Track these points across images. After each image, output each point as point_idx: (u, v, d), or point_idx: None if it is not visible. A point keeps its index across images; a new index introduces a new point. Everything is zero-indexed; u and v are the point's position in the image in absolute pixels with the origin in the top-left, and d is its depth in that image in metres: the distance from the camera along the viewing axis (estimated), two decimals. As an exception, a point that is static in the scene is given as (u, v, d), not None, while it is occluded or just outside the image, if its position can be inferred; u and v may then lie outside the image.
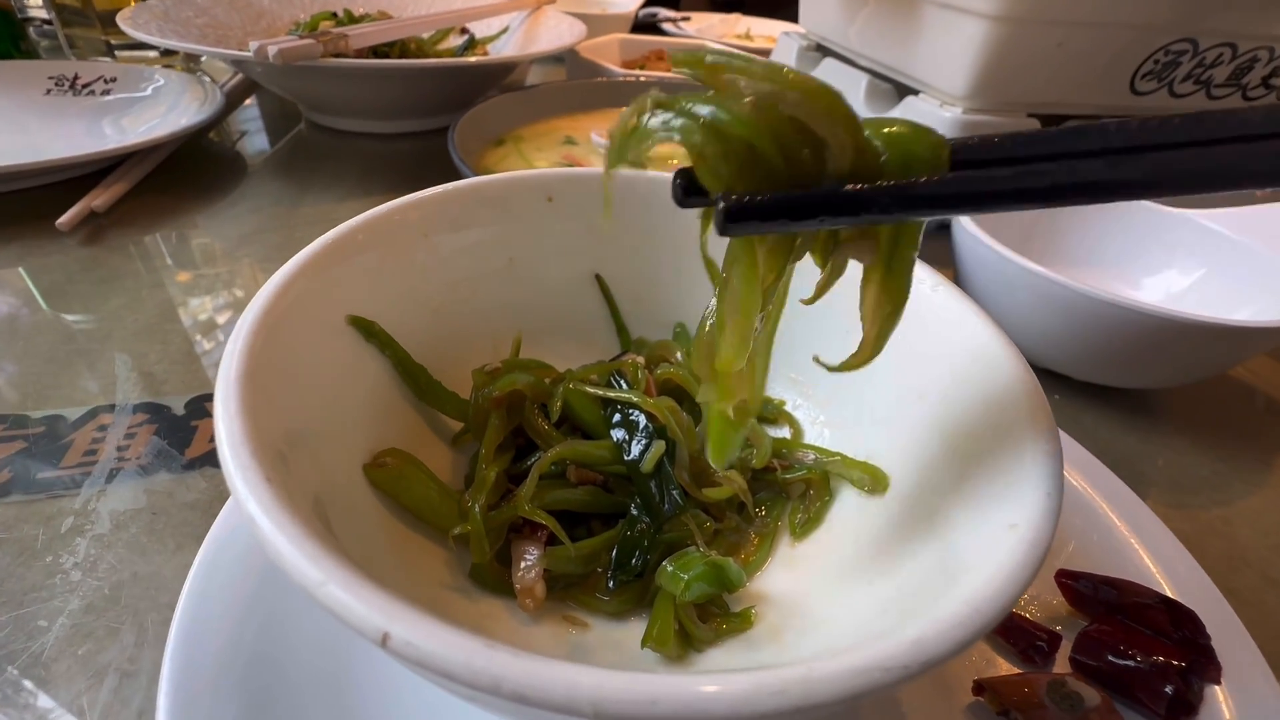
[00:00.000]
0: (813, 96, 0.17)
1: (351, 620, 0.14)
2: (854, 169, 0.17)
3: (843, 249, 0.20)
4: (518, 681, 0.13)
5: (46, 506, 0.35)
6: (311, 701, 0.23)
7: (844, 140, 0.17)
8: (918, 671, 0.14)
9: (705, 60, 0.18)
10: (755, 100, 0.17)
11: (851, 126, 0.17)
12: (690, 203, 0.18)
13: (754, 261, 0.19)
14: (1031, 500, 0.18)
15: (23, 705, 0.27)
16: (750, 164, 0.17)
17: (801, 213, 0.17)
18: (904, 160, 0.17)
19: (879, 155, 0.17)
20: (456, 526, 0.26)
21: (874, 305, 0.20)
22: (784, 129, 0.17)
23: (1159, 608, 0.27)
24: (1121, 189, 0.17)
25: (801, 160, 0.17)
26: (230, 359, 0.20)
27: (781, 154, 0.17)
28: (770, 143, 0.17)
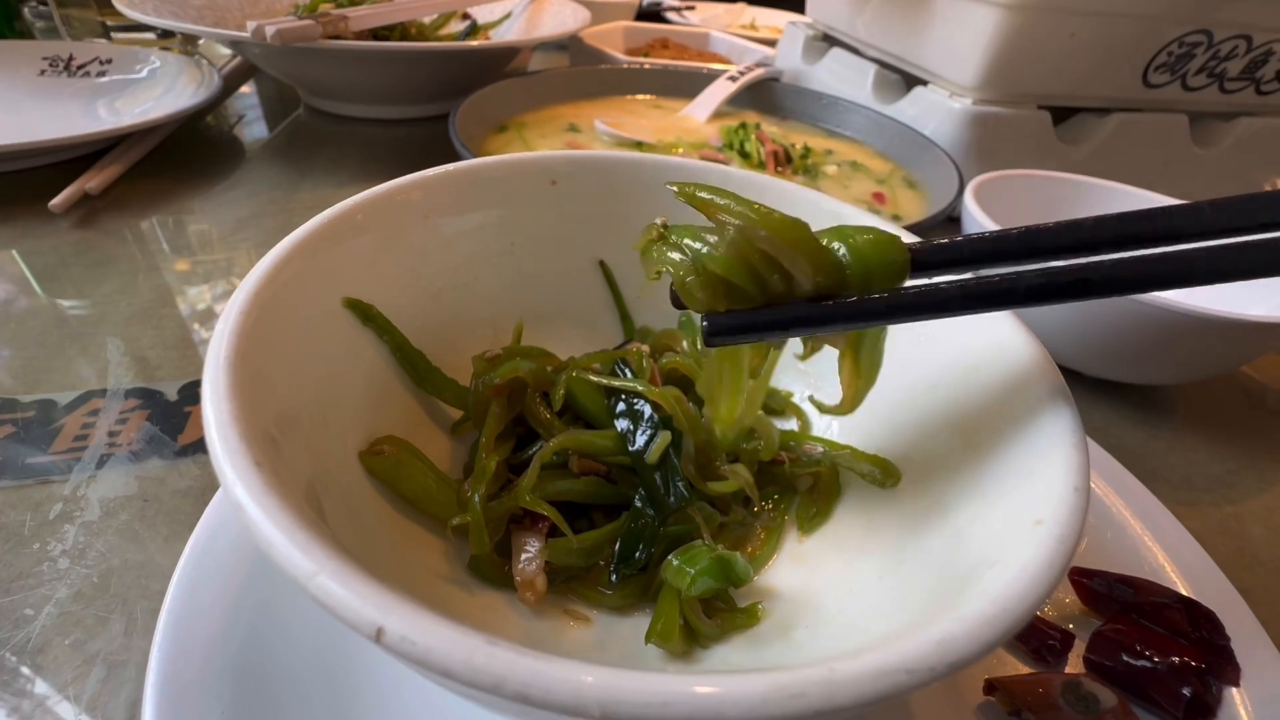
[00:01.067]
0: (779, 230, 0.20)
1: (344, 614, 0.13)
2: (817, 289, 0.21)
3: (818, 339, 0.24)
4: (521, 681, 0.12)
5: (35, 492, 0.34)
6: (306, 694, 0.23)
7: (805, 269, 0.20)
8: (944, 673, 0.13)
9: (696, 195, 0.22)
10: (732, 236, 0.20)
11: (813, 254, 0.20)
12: (682, 307, 0.23)
13: (738, 361, 0.24)
14: (1058, 494, 0.17)
15: (9, 694, 0.26)
16: (726, 292, 0.21)
17: (771, 328, 0.21)
18: (865, 270, 0.21)
19: (843, 269, 0.21)
20: (455, 517, 0.25)
21: (850, 377, 0.23)
22: (756, 260, 0.20)
23: (1176, 607, 0.26)
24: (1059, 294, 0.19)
25: (772, 285, 0.21)
26: (220, 339, 0.19)
27: (754, 282, 0.21)
28: (743, 274, 0.21)
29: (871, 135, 0.75)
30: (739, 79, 0.79)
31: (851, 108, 0.77)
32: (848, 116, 0.78)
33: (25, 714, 0.25)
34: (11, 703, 0.26)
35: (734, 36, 1.11)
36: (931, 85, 0.71)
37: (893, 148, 0.72)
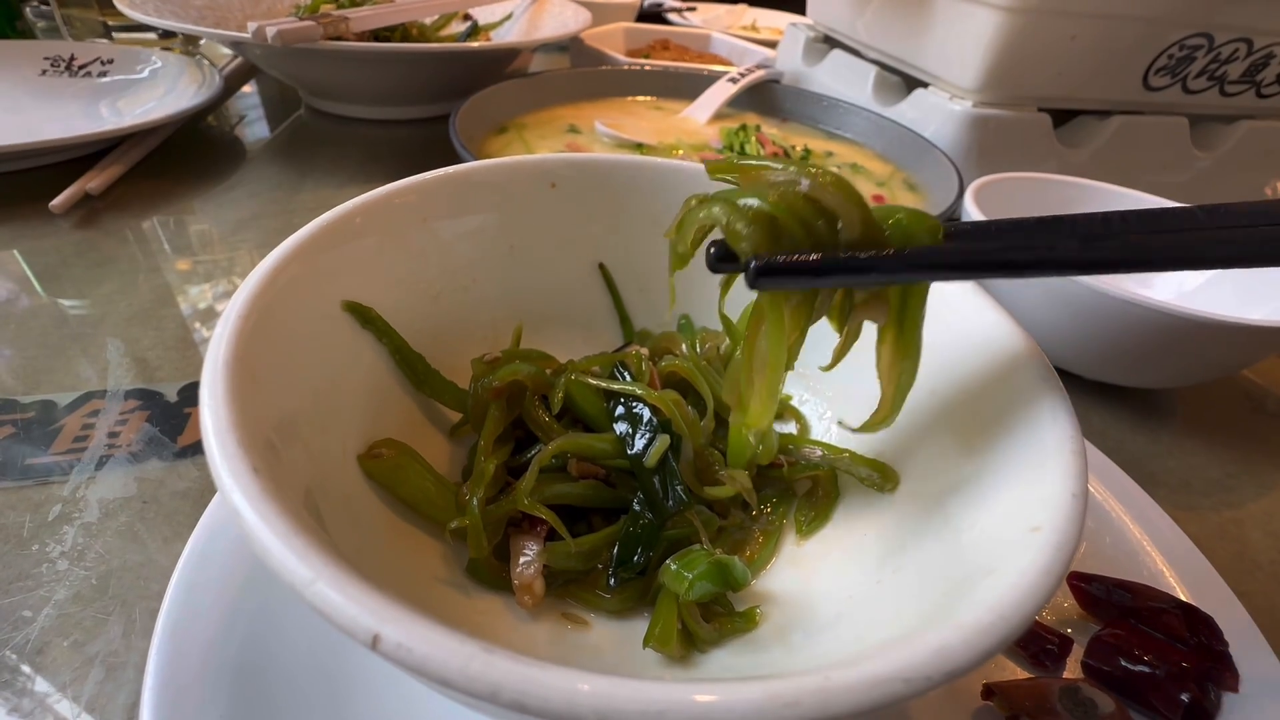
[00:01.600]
0: (825, 180, 0.20)
1: (341, 621, 0.13)
2: (863, 238, 0.21)
3: (858, 312, 0.23)
4: (516, 689, 0.12)
5: (34, 493, 0.34)
6: (303, 696, 0.23)
7: (853, 214, 0.20)
8: (940, 682, 0.13)
9: (738, 163, 0.22)
10: (779, 187, 0.21)
11: (859, 203, 0.20)
12: (723, 268, 0.22)
13: (781, 320, 0.22)
14: (1055, 501, 0.17)
15: (8, 695, 0.26)
16: (774, 233, 0.21)
17: (821, 271, 0.20)
18: (905, 236, 0.21)
19: (884, 230, 0.21)
20: (454, 520, 0.25)
21: (890, 363, 0.23)
22: (802, 206, 0.21)
23: (1175, 613, 0.26)
24: (1091, 266, 0.21)
25: (818, 230, 0.21)
26: (219, 343, 0.19)
27: (801, 225, 0.21)
28: (790, 216, 0.20)
29: (872, 137, 0.75)
30: (739, 81, 0.79)
31: (852, 110, 0.77)
32: (848, 118, 0.78)
33: (25, 714, 0.25)
34: (11, 703, 0.26)
35: (735, 38, 1.11)
36: (932, 87, 0.71)
37: (893, 150, 0.72)
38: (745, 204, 0.21)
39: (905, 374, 0.23)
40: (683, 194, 0.35)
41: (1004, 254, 0.20)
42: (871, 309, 0.23)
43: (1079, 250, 0.20)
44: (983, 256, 0.20)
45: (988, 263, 0.20)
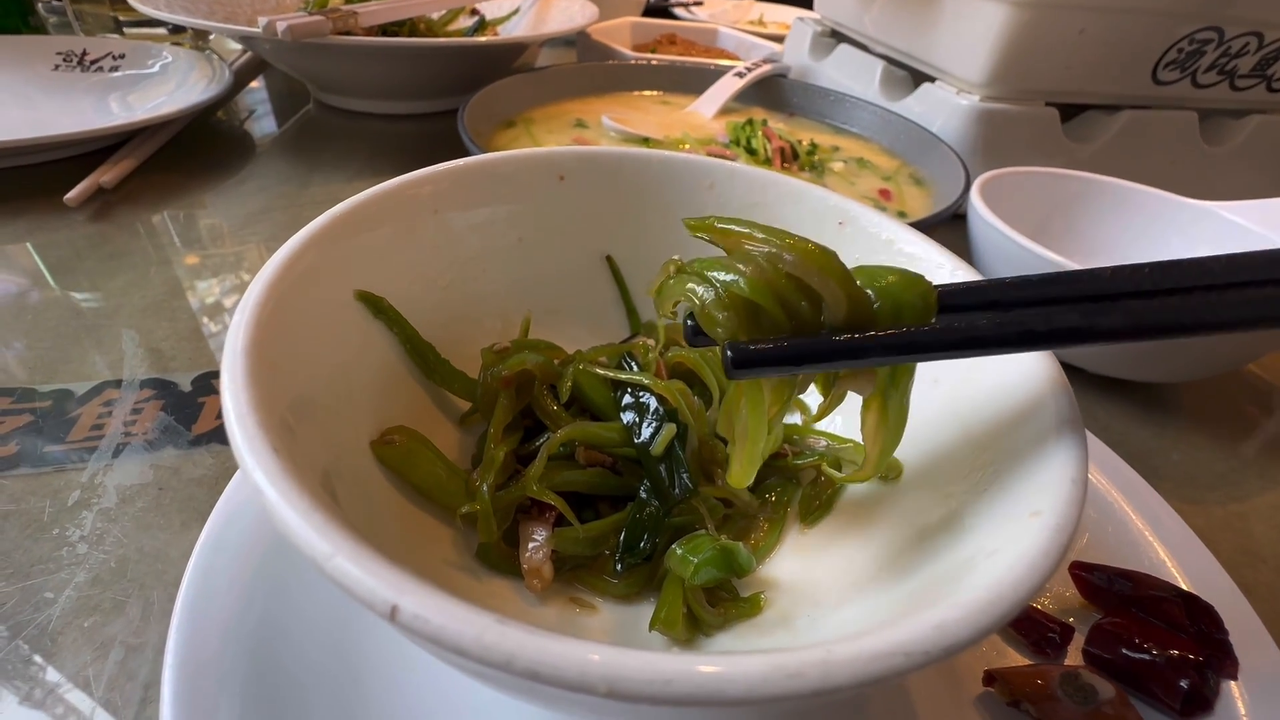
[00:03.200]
0: (808, 256, 0.19)
1: (360, 593, 0.13)
2: (849, 318, 0.20)
3: (842, 382, 0.22)
4: (530, 659, 0.12)
5: (54, 480, 0.35)
6: (319, 679, 0.23)
7: (838, 294, 0.19)
8: (939, 657, 0.14)
9: (716, 226, 0.21)
10: (758, 263, 0.19)
11: (845, 281, 0.19)
12: (700, 343, 0.21)
13: (759, 398, 0.21)
14: (1056, 487, 0.18)
15: (29, 676, 0.27)
16: (752, 317, 0.20)
17: (800, 360, 0.19)
18: (895, 308, 0.20)
19: (872, 304, 0.20)
20: (464, 505, 0.26)
21: (874, 430, 0.22)
22: (784, 285, 0.19)
23: (1175, 601, 0.27)
24: (1094, 336, 0.19)
25: (800, 312, 0.20)
26: (237, 329, 0.19)
27: (782, 308, 0.20)
28: (770, 299, 0.19)
29: (878, 132, 0.75)
30: (746, 75, 0.79)
31: (858, 104, 0.77)
32: (855, 113, 0.78)
33: (46, 693, 0.26)
34: (32, 682, 0.26)
35: (742, 32, 1.11)
36: (939, 82, 0.71)
37: (899, 144, 0.72)
38: (722, 283, 0.20)
39: (889, 441, 0.22)
40: (691, 188, 0.36)
41: (999, 330, 0.19)
42: (856, 382, 0.22)
43: (1080, 320, 0.18)
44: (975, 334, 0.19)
45: (980, 339, 0.19)
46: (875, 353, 0.19)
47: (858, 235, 0.31)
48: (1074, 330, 0.18)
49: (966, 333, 0.19)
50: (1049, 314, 0.19)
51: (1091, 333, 0.18)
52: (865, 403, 0.22)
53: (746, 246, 0.20)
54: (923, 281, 0.20)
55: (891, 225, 0.31)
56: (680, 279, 0.21)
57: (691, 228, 0.21)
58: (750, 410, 0.22)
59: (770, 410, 0.21)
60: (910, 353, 0.19)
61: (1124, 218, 0.55)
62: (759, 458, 0.23)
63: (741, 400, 0.22)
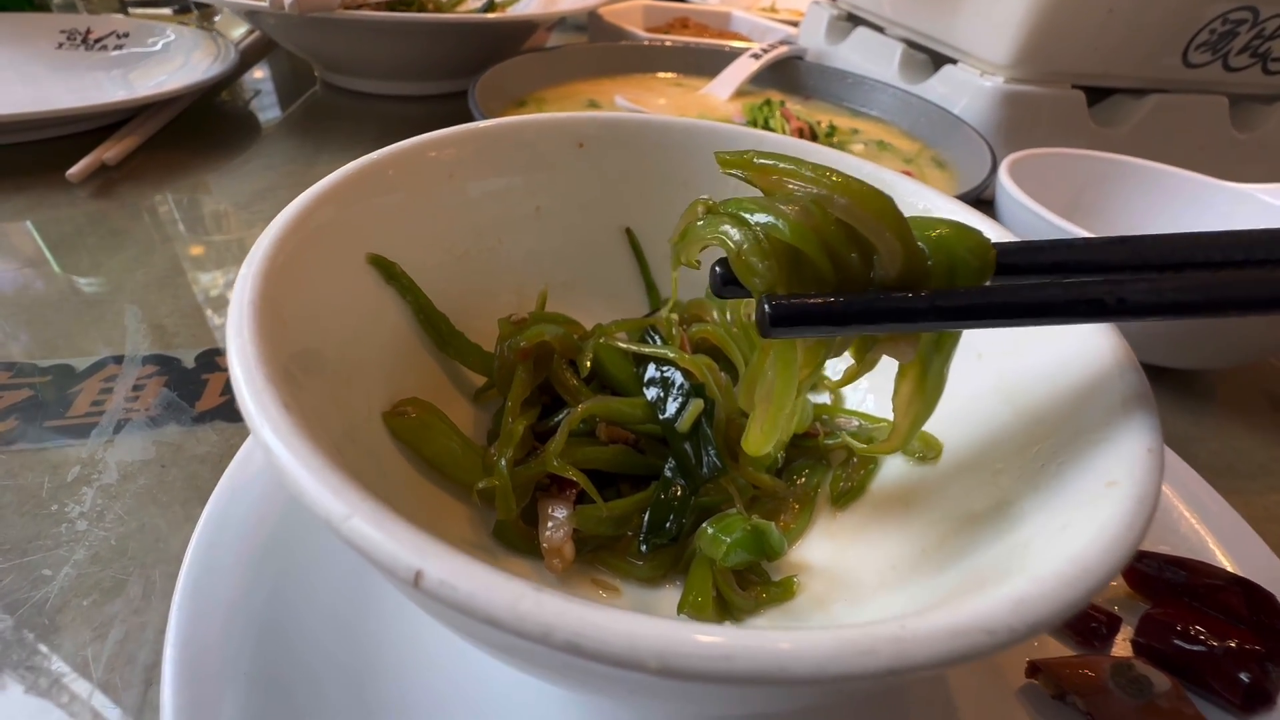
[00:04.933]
0: (862, 200, 0.17)
1: (380, 558, 0.12)
2: (903, 274, 0.17)
3: (881, 346, 0.20)
4: (571, 630, 0.11)
5: (53, 455, 0.33)
6: (329, 662, 0.22)
7: (894, 245, 0.17)
8: (1024, 635, 0.12)
9: (754, 162, 0.18)
10: (803, 204, 0.17)
11: (902, 231, 0.17)
12: (730, 293, 0.19)
13: (791, 359, 0.19)
14: (1130, 454, 0.16)
15: (27, 655, 0.25)
16: (795, 266, 0.17)
17: (847, 320, 0.17)
18: (949, 264, 0.17)
19: (926, 259, 0.17)
20: (481, 481, 0.25)
21: (907, 400, 0.21)
22: (832, 233, 0.17)
23: (1233, 590, 0.25)
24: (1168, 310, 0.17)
25: (849, 264, 0.17)
26: (245, 280, 0.18)
27: (829, 258, 0.17)
28: (817, 248, 0.17)
29: (898, 114, 0.73)
30: (762, 57, 0.77)
31: (878, 86, 0.75)
32: (874, 95, 0.76)
33: (42, 673, 0.25)
34: (30, 662, 0.25)
35: (755, 16, 1.09)
36: (961, 64, 0.69)
37: (920, 127, 0.70)
38: (762, 226, 0.17)
39: (922, 412, 0.21)
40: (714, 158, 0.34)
41: (1066, 297, 0.17)
42: (898, 347, 0.20)
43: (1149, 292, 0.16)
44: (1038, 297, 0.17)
45: (1047, 307, 0.17)
46: (931, 316, 0.17)
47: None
48: (1147, 305, 0.17)
49: (1033, 299, 0.17)
50: (1118, 285, 0.17)
51: (1163, 306, 0.17)
52: (902, 369, 0.20)
53: (790, 186, 0.18)
54: (978, 235, 0.18)
55: (929, 194, 0.29)
56: (711, 220, 0.18)
57: (725, 163, 0.19)
58: (780, 371, 0.19)
59: (802, 373, 0.19)
60: (970, 318, 0.17)
61: (1156, 201, 0.53)
62: (781, 425, 0.20)
63: (769, 360, 0.20)
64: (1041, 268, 0.18)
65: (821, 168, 0.18)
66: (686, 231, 0.19)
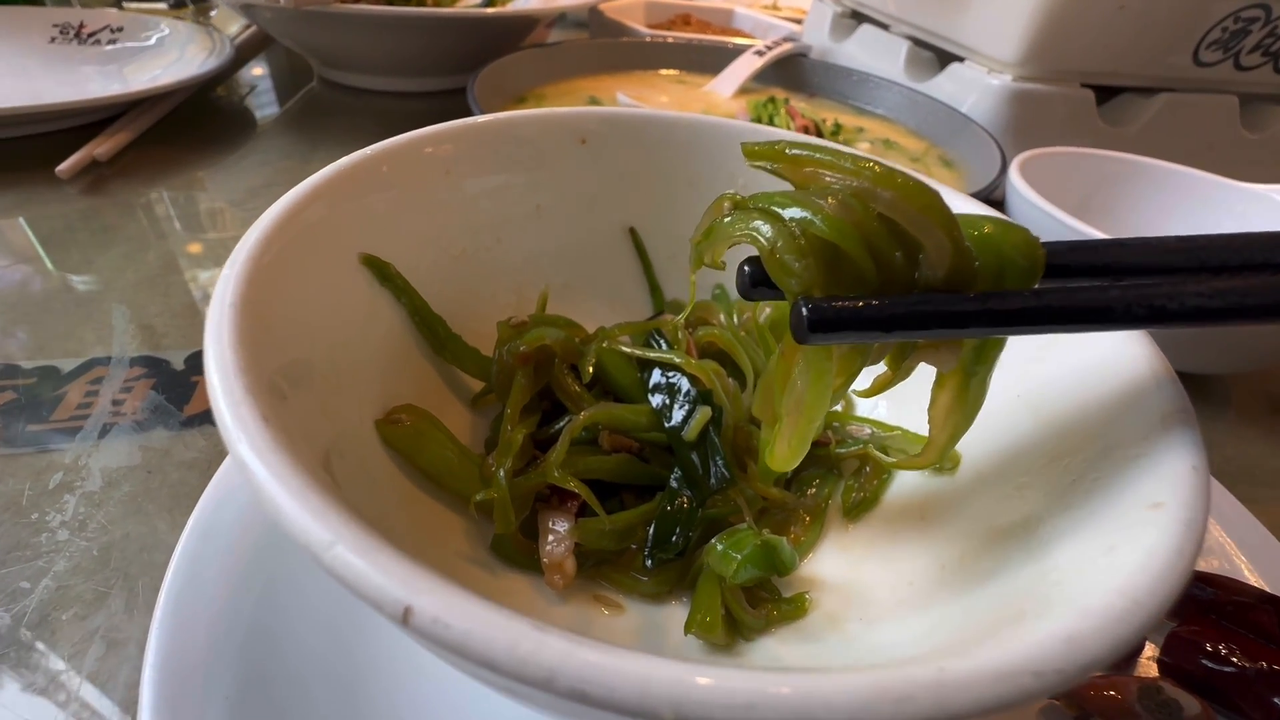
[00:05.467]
0: (908, 194, 0.16)
1: (366, 591, 0.11)
2: (950, 275, 0.16)
3: (919, 353, 0.19)
4: (576, 676, 0.10)
5: (35, 460, 0.32)
6: (314, 679, 0.21)
7: (943, 243, 0.16)
8: (1074, 677, 0.11)
9: (786, 153, 0.17)
10: (842, 199, 0.16)
11: (951, 228, 0.16)
12: (759, 295, 0.17)
13: (827, 366, 0.18)
14: (1176, 474, 0.15)
15: (4, 670, 0.24)
16: (833, 266, 0.16)
17: (893, 326, 0.16)
18: (998, 264, 0.16)
19: (974, 259, 0.16)
20: (478, 493, 0.23)
21: (946, 412, 0.19)
22: (875, 230, 0.16)
23: (1264, 608, 0.24)
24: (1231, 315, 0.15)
25: (894, 264, 0.16)
26: (227, 282, 0.17)
27: (871, 257, 0.16)
28: (859, 244, 0.16)
29: (904, 113, 0.72)
30: (766, 54, 0.76)
31: (883, 84, 0.74)
32: (879, 93, 0.75)
33: (21, 691, 0.24)
34: (7, 678, 0.24)
35: (758, 13, 1.08)
36: (968, 61, 0.68)
37: (927, 126, 0.69)
38: (797, 221, 0.16)
39: (961, 425, 0.19)
40: (722, 155, 0.33)
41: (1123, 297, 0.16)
42: (940, 355, 0.18)
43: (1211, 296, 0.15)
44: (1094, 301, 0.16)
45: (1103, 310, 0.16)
46: (983, 321, 0.16)
47: (908, 204, 0.29)
48: (1209, 310, 0.15)
49: (1090, 302, 0.16)
50: (1178, 286, 0.16)
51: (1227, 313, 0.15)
52: (940, 378, 0.19)
53: (826, 179, 0.16)
54: (1025, 233, 0.17)
55: (946, 192, 0.28)
56: (740, 216, 0.17)
57: (752, 154, 0.17)
58: (813, 380, 0.18)
59: (836, 382, 0.18)
60: (1025, 323, 0.16)
61: (1168, 201, 0.52)
62: (810, 438, 0.19)
63: (800, 367, 0.18)
64: (1093, 269, 0.17)
65: (862, 158, 0.16)
66: (712, 229, 0.18)
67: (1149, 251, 0.17)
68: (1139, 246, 0.17)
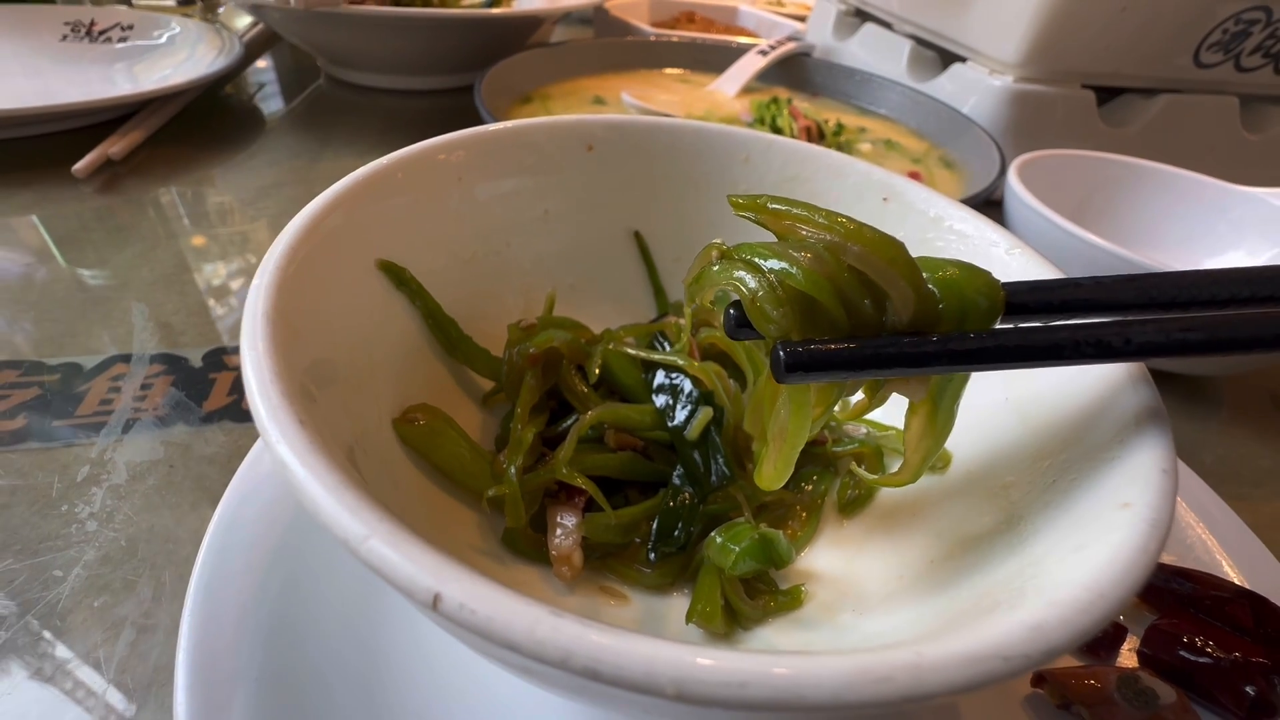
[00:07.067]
0: (875, 248, 0.17)
1: (398, 579, 0.12)
2: (914, 319, 0.18)
3: (891, 385, 0.20)
4: (589, 656, 0.11)
5: (62, 454, 0.34)
6: (336, 662, 0.22)
7: (906, 292, 0.17)
8: (1039, 661, 0.12)
9: (768, 207, 0.19)
10: (816, 251, 0.17)
11: (914, 278, 0.18)
12: (744, 335, 0.19)
13: (806, 399, 0.20)
14: (1145, 475, 0.16)
15: (40, 655, 0.26)
16: (809, 315, 0.18)
17: (862, 366, 0.17)
18: (960, 306, 0.18)
19: (937, 303, 0.18)
20: (490, 488, 0.25)
21: (918, 436, 0.21)
22: (846, 280, 0.18)
23: (1240, 602, 0.25)
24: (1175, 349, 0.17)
25: (862, 312, 0.18)
26: (259, 291, 0.18)
27: (843, 306, 0.18)
28: (831, 295, 0.17)
29: (906, 113, 0.73)
30: (769, 53, 0.77)
31: (886, 84, 0.75)
32: (882, 94, 0.75)
33: (56, 671, 0.25)
34: (42, 661, 0.25)
35: (763, 11, 1.08)
36: (970, 62, 0.69)
37: (928, 126, 0.70)
38: (775, 273, 0.17)
39: (933, 448, 0.21)
40: (725, 162, 0.34)
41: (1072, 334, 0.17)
42: (909, 386, 0.20)
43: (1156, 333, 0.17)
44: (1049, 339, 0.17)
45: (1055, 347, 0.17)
46: (943, 360, 0.18)
47: (905, 212, 0.30)
48: (1153, 346, 0.17)
49: (1042, 341, 0.17)
50: (1126, 326, 0.17)
51: (1171, 346, 0.17)
52: (912, 406, 0.21)
53: (803, 232, 0.18)
54: (986, 275, 0.18)
55: (940, 201, 0.29)
56: (726, 266, 0.19)
57: (738, 206, 0.19)
58: (794, 411, 0.20)
59: (814, 412, 0.20)
60: (980, 361, 0.18)
61: (1166, 203, 0.53)
62: (793, 461, 0.21)
63: (783, 399, 0.20)
64: (1050, 307, 0.19)
65: (834, 214, 0.18)
66: (701, 275, 0.20)
67: (1100, 290, 0.18)
68: (1091, 285, 0.19)
